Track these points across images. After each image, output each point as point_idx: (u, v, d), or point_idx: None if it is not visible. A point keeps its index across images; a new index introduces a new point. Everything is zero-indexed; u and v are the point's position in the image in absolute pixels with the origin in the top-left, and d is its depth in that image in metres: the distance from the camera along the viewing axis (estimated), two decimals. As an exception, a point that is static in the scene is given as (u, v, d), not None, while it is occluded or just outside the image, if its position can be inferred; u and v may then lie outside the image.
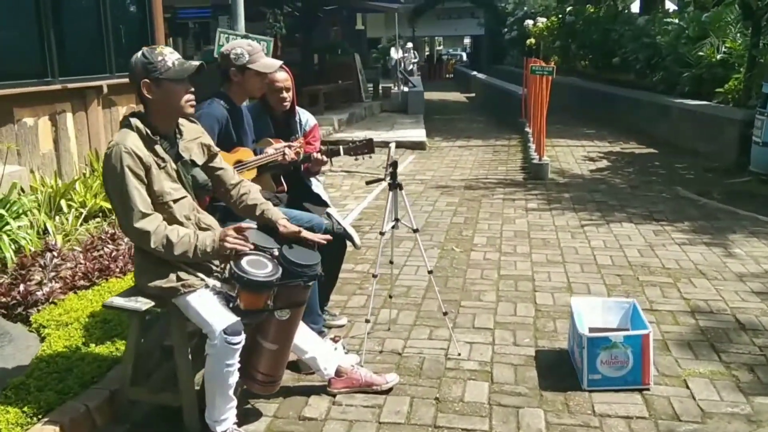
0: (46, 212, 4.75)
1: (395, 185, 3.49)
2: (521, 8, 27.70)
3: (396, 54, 19.21)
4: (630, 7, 19.71)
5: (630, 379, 3.08)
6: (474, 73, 26.73)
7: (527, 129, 11.13)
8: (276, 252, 2.71)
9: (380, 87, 18.60)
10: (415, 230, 3.57)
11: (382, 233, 3.54)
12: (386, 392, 3.08)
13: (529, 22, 21.45)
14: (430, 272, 3.63)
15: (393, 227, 3.61)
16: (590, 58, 17.75)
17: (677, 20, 12.57)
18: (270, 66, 3.36)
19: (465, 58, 49.65)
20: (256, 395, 2.96)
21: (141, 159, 2.53)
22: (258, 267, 2.59)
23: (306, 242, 2.90)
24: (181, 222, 2.63)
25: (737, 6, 10.43)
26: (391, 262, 3.92)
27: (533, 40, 21.06)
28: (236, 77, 3.29)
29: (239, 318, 2.56)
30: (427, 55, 46.14)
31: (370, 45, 27.50)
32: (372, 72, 19.82)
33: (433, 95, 23.25)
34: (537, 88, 9.20)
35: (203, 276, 2.63)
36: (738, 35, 10.51)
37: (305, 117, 3.83)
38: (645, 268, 4.80)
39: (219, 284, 2.63)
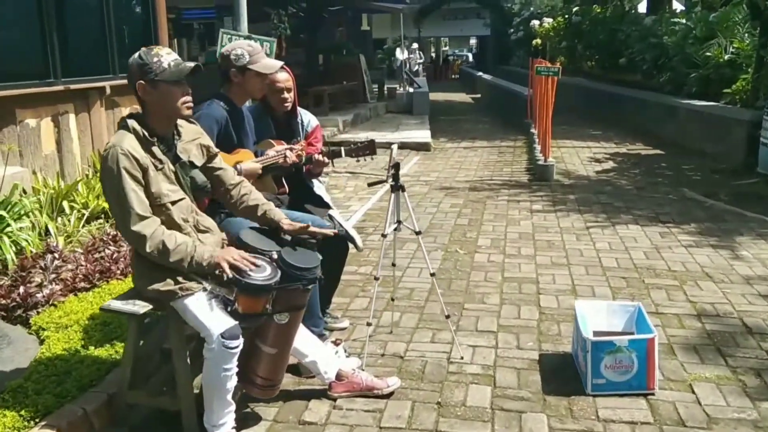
0: (48, 213, 4.74)
1: (397, 187, 3.47)
2: (527, 9, 27.68)
3: (401, 55, 19.20)
4: (637, 8, 19.65)
5: (635, 384, 3.04)
6: (480, 74, 26.68)
7: (533, 130, 11.08)
8: (275, 255, 2.68)
9: (385, 88, 18.58)
10: (418, 232, 3.54)
11: (384, 235, 3.50)
12: (387, 396, 3.05)
13: (536, 23, 21.43)
14: (433, 275, 3.60)
15: (395, 229, 3.58)
16: (597, 59, 17.70)
17: (684, 20, 12.51)
18: (271, 67, 3.34)
19: (471, 59, 49.60)
20: (256, 399, 2.93)
21: (138, 161, 2.50)
22: (256, 270, 2.56)
23: (313, 237, 2.87)
24: (179, 224, 2.60)
25: (745, 6, 10.36)
26: (394, 265, 3.89)
27: (539, 41, 21.02)
28: (237, 78, 3.27)
29: (237, 322, 2.53)
30: (432, 56, 46.04)
31: (376, 46, 27.46)
32: (377, 73, 19.79)
33: (439, 96, 23.23)
34: (542, 89, 9.15)
35: (201, 279, 2.60)
36: (746, 35, 10.44)
37: (307, 118, 3.81)
38: (651, 271, 4.76)
39: (217, 287, 2.60)
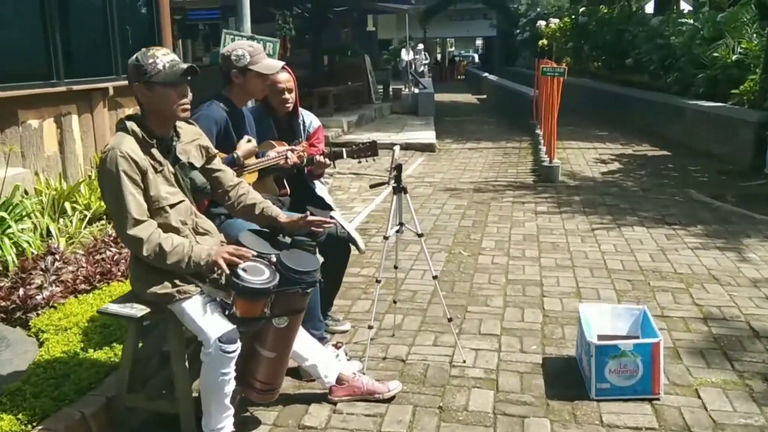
0: (50, 215, 4.73)
1: (400, 189, 3.44)
2: (534, 9, 27.63)
3: (407, 55, 19.17)
4: (644, 8, 19.57)
5: (639, 389, 3.00)
6: (485, 75, 26.64)
7: (538, 131, 11.03)
8: (274, 258, 2.65)
9: (390, 88, 18.58)
10: (420, 235, 3.51)
11: (386, 237, 3.47)
12: (388, 400, 3.02)
13: (542, 23, 21.38)
14: (435, 278, 3.56)
15: (397, 231, 3.55)
16: (603, 59, 17.62)
17: (692, 21, 12.43)
18: (272, 67, 3.31)
19: (477, 60, 49.54)
20: (255, 403, 2.90)
21: (137, 163, 2.48)
22: (255, 273, 2.53)
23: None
24: (178, 227, 2.58)
25: (753, 6, 10.30)
26: (396, 267, 3.86)
27: (545, 41, 20.96)
28: (237, 79, 3.24)
29: (235, 326, 2.51)
30: (437, 57, 45.94)
31: (382, 46, 27.48)
32: (382, 73, 19.79)
33: (444, 97, 23.18)
34: (548, 90, 9.11)
35: (199, 283, 2.57)
36: (754, 35, 10.35)
37: (309, 119, 3.78)
38: (656, 273, 4.71)
39: (215, 291, 2.58)
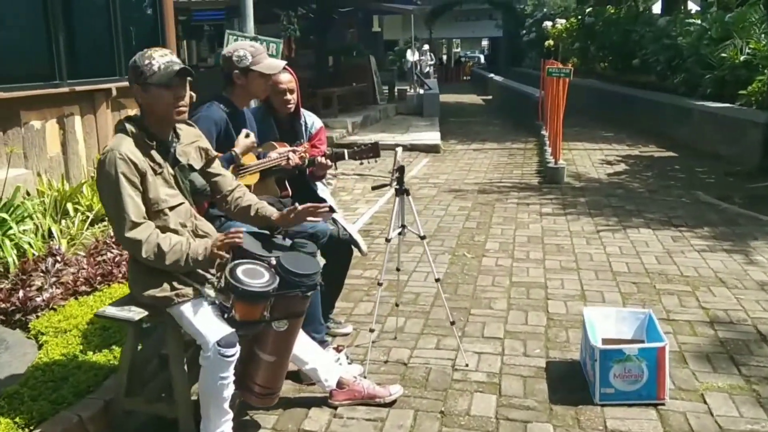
0: (52, 216, 4.71)
1: (402, 191, 3.40)
2: (540, 10, 27.57)
3: (412, 56, 19.14)
4: (651, 8, 19.48)
5: (644, 394, 2.96)
6: (491, 76, 26.57)
7: (544, 132, 10.98)
8: (273, 261, 2.62)
9: (395, 89, 18.55)
10: (422, 237, 3.47)
11: (388, 240, 3.44)
12: (389, 405, 2.99)
13: (548, 24, 21.29)
14: (438, 280, 3.53)
15: (400, 234, 3.52)
16: (610, 60, 17.55)
17: (700, 21, 12.36)
18: (274, 67, 3.28)
19: (482, 61, 49.47)
20: (255, 406, 2.87)
21: (136, 165, 2.46)
22: (254, 276, 2.50)
23: (310, 216, 2.81)
24: (177, 230, 2.55)
25: (762, 6, 10.21)
26: (398, 270, 3.83)
27: (552, 42, 20.88)
28: (240, 80, 3.21)
29: (234, 329, 2.48)
30: (443, 58, 45.84)
31: (387, 47, 27.42)
32: (387, 74, 19.76)
33: (450, 98, 23.14)
34: (554, 91, 9.06)
35: (198, 286, 2.55)
36: (762, 36, 10.27)
37: (311, 120, 3.75)
38: (662, 276, 4.66)
39: (214, 294, 2.55)
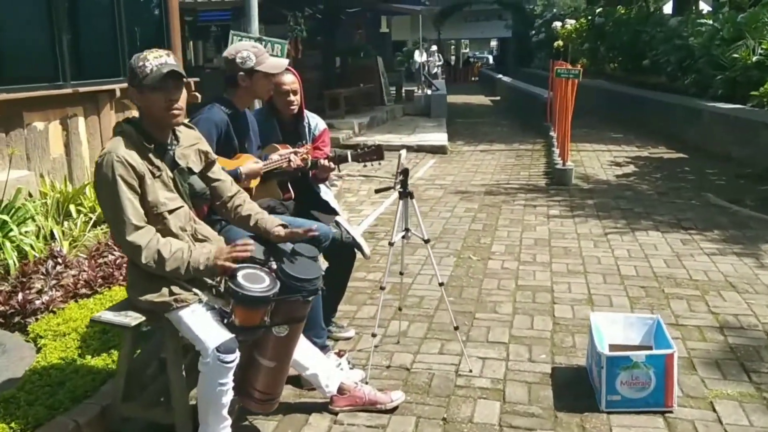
0: (54, 217, 4.69)
1: (405, 194, 3.35)
2: (550, 10, 27.46)
3: (420, 57, 19.09)
4: (662, 8, 19.36)
5: (652, 401, 2.90)
6: (499, 76, 26.48)
7: (552, 133, 10.90)
8: (274, 265, 2.57)
9: (403, 90, 18.50)
10: (426, 240, 3.42)
11: (392, 243, 3.39)
12: (391, 411, 2.94)
13: (558, 24, 21.20)
14: (441, 284, 3.47)
15: (403, 237, 3.46)
16: (619, 61, 17.44)
17: (711, 21, 12.24)
18: (278, 66, 3.24)
19: (491, 61, 49.34)
20: (255, 412, 2.83)
21: (134, 168, 2.42)
22: (254, 281, 2.45)
23: (303, 235, 2.74)
24: (177, 234, 2.51)
25: (774, 6, 10.12)
26: (402, 273, 3.77)
27: (561, 43, 20.78)
28: (245, 82, 3.16)
29: (233, 335, 2.43)
30: (451, 59, 45.74)
31: (396, 48, 27.33)
32: (395, 75, 19.70)
33: (458, 98, 23.06)
34: (562, 92, 8.98)
35: (197, 290, 2.50)
36: (774, 36, 10.19)
37: (314, 121, 3.70)
38: (671, 280, 4.59)
39: (213, 299, 2.50)
